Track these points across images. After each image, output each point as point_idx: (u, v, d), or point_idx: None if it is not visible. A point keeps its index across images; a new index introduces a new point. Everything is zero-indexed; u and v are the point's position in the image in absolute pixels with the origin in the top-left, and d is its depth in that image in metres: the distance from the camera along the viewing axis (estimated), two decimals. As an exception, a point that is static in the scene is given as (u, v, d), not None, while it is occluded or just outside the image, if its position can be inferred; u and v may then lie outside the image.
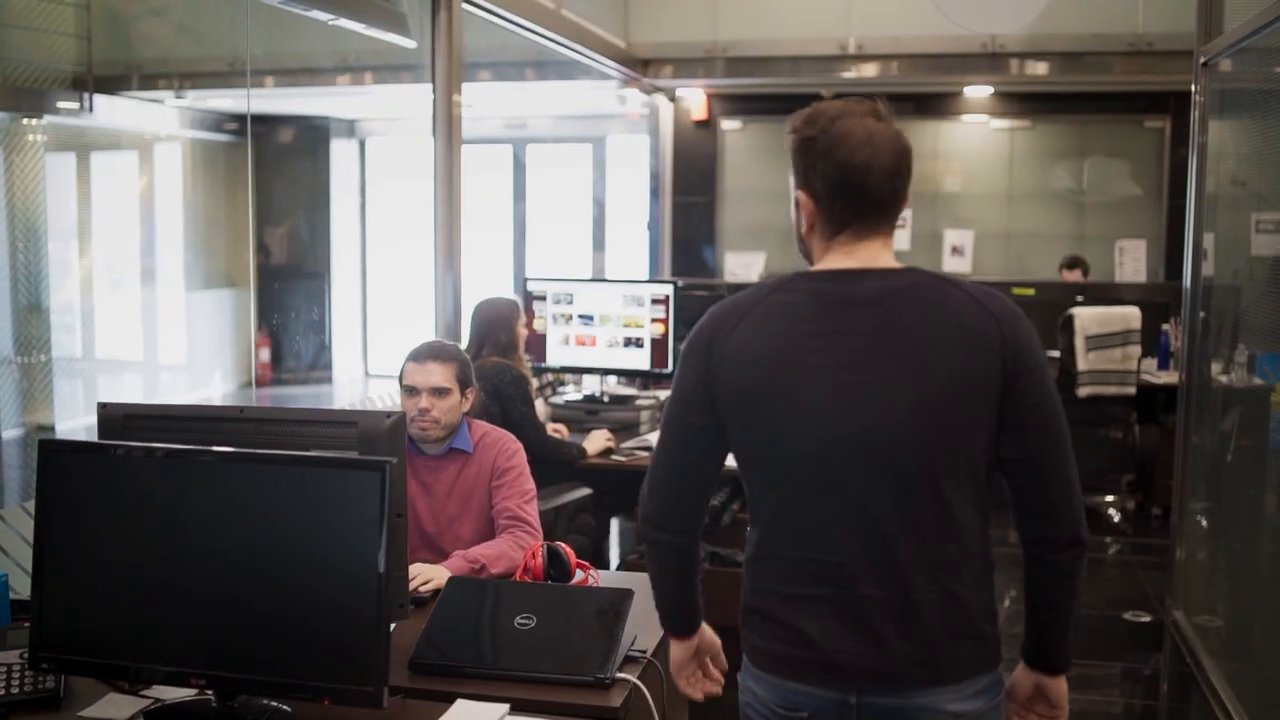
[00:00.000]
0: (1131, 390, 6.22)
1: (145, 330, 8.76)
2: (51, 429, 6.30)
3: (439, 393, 3.04)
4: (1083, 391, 6.14)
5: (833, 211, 1.91)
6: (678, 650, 2.12)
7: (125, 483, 2.03)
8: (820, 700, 1.89)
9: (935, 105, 9.11)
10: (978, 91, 8.92)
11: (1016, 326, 1.89)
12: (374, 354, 9.93)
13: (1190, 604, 4.43)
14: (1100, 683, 4.57)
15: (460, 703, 2.08)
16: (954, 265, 9.23)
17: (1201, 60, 4.21)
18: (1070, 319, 6.14)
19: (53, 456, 2.05)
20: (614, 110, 9.66)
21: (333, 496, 1.94)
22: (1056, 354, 6.37)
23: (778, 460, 1.88)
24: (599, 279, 5.13)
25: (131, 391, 8.61)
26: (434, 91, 5.01)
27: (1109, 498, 6.65)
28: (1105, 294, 6.88)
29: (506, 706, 2.07)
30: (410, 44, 5.05)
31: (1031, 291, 7.09)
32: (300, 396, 9.13)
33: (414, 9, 5.03)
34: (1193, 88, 4.29)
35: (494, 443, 3.13)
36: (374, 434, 2.22)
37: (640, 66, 8.35)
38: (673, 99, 9.34)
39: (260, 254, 9.58)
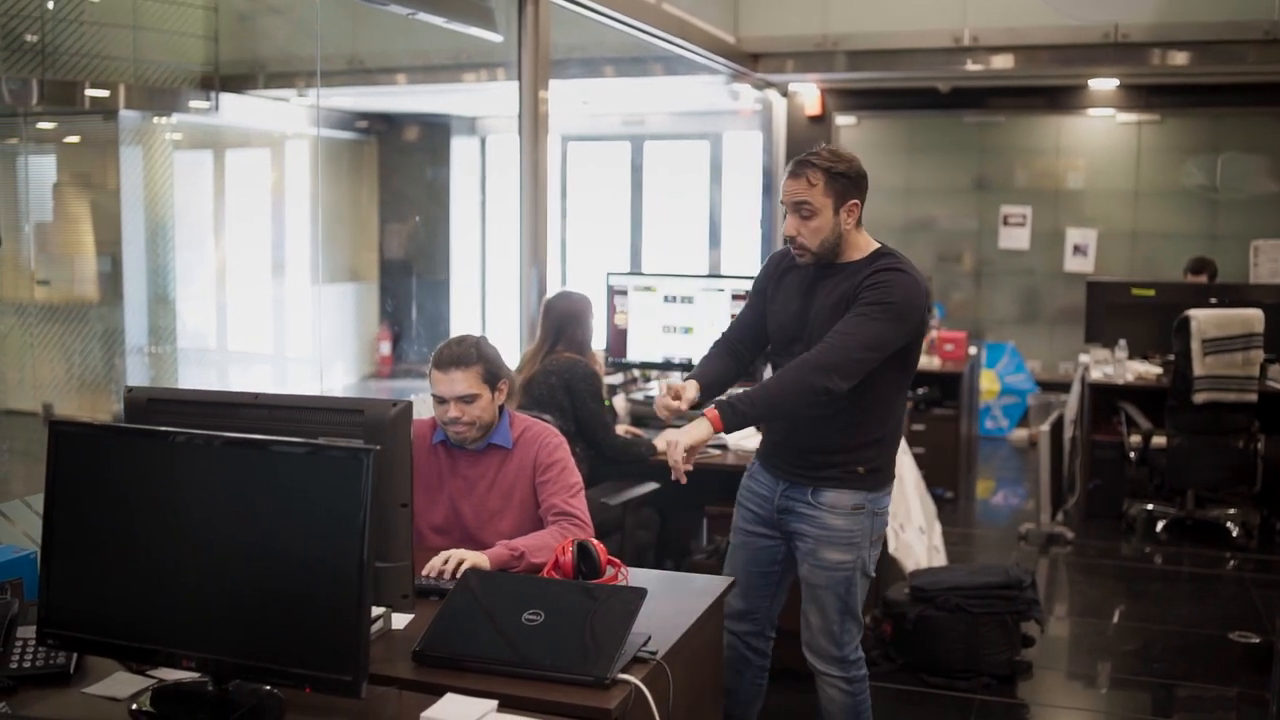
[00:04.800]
0: (1253, 397, 5.87)
1: (274, 322, 9.01)
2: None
3: (467, 399, 2.99)
4: (1199, 398, 5.83)
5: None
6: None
7: (128, 465, 2.06)
8: None
9: (1058, 98, 8.79)
10: (1103, 84, 8.56)
11: None
12: (498, 347, 10.05)
13: (1301, 626, 4.17)
14: (1199, 706, 4.32)
15: (449, 696, 2.06)
16: (1076, 265, 8.90)
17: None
18: (1186, 321, 5.83)
19: (62, 438, 2.10)
20: (729, 106, 9.58)
21: (317, 483, 1.94)
22: (1172, 357, 6.07)
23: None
24: (679, 274, 5.05)
25: (260, 381, 8.86)
26: (520, 87, 5.01)
27: (1230, 511, 6.30)
28: (1236, 296, 6.49)
29: (494, 703, 2.04)
30: (497, 39, 5.06)
31: (1151, 292, 6.75)
32: (417, 389, 9.28)
33: (501, 4, 5.05)
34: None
35: (535, 437, 3.10)
36: (379, 423, 2.22)
37: (750, 61, 8.26)
38: (785, 94, 9.21)
39: (383, 249, 9.80)
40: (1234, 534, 6.20)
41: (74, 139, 7.31)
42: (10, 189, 6.55)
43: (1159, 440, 6.15)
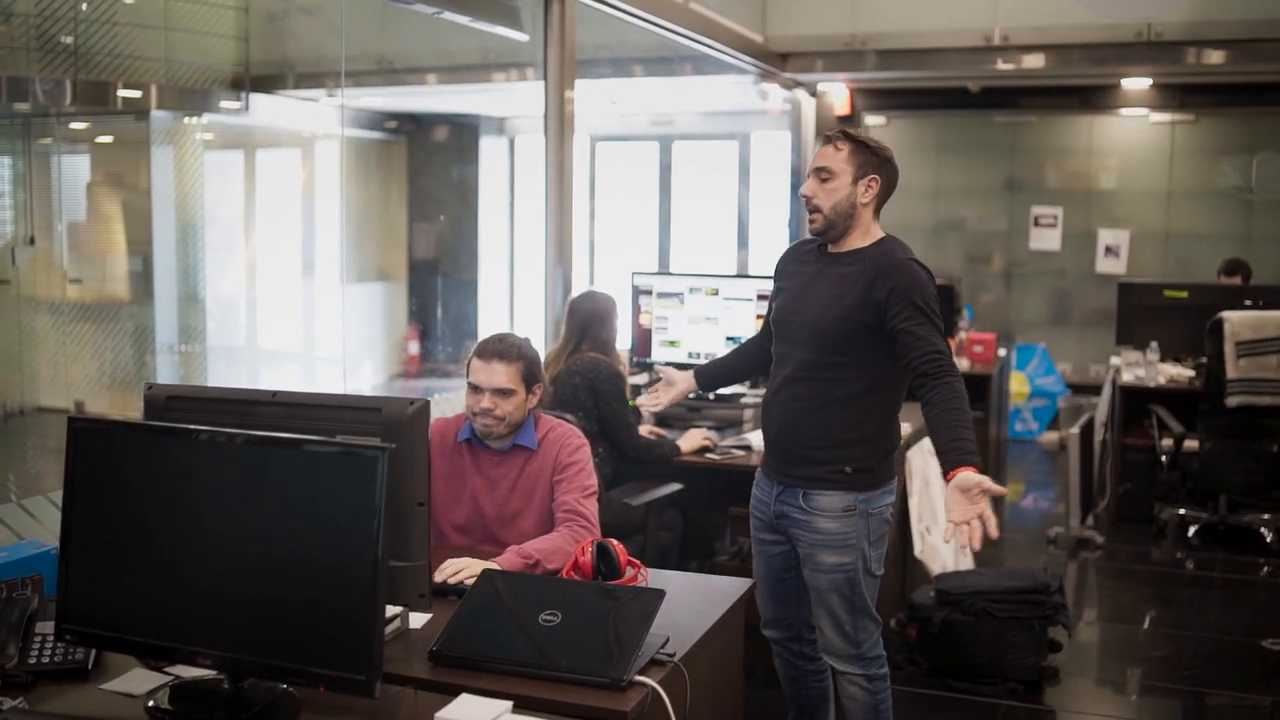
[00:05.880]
0: (1288, 400, 5.79)
1: (304, 322, 9.04)
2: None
3: (503, 393, 3.00)
4: (1232, 401, 5.75)
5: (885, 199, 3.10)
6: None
7: (145, 462, 2.06)
8: None
9: (1090, 98, 8.71)
10: (1135, 83, 8.48)
11: None
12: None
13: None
14: (1230, 715, 4.26)
15: (464, 696, 2.05)
16: (1108, 266, 8.82)
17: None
18: (1220, 323, 5.75)
19: (80, 435, 2.10)
20: (758, 106, 9.54)
21: (333, 482, 1.93)
22: (1205, 360, 5.99)
23: None
24: (701, 274, 5.03)
25: (289, 380, 8.89)
26: (546, 87, 5.00)
27: (1263, 516, 6.20)
28: (1271, 298, 6.39)
29: (509, 704, 2.02)
30: (523, 38, 5.06)
31: (1184, 294, 6.66)
32: (444, 389, 9.29)
33: (527, 3, 5.04)
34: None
35: (558, 438, 3.09)
36: (397, 421, 2.21)
37: (778, 61, 8.22)
38: (814, 94, 9.17)
39: (412, 249, 9.82)
40: (1267, 539, 6.10)
41: (106, 139, 7.37)
42: (44, 188, 6.61)
43: (1191, 444, 6.07)
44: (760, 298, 4.82)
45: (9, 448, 5.93)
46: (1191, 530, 6.27)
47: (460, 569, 2.65)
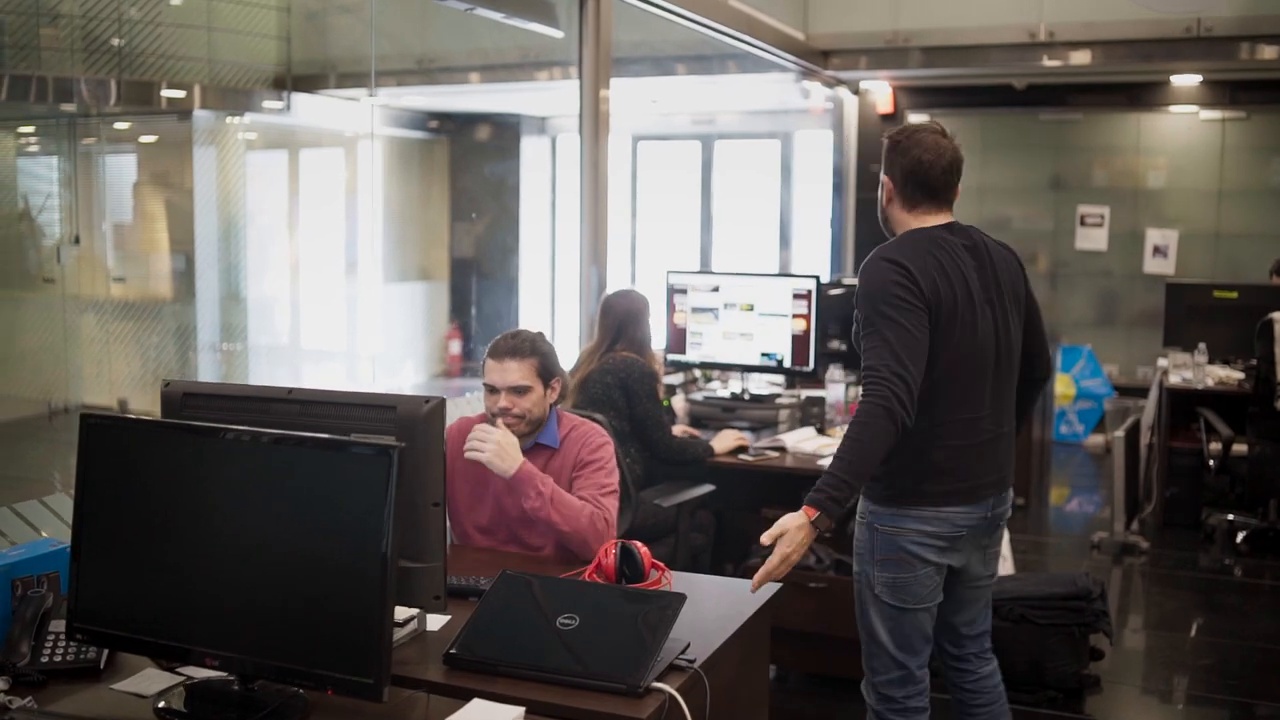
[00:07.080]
0: (1341, 404, 5.63)
1: (346, 321, 9.07)
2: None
3: (518, 390, 2.98)
4: (1283, 404, 5.61)
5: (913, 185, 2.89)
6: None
7: (156, 459, 2.04)
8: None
9: (1138, 95, 8.55)
10: (1185, 80, 8.31)
11: (1022, 260, 2.99)
12: (562, 347, 10.01)
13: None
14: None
15: (476, 702, 2.00)
16: (1156, 266, 8.65)
17: None
18: (1270, 324, 5.61)
19: (92, 431, 2.08)
20: (800, 105, 9.45)
21: (343, 481, 1.89)
22: (1255, 362, 5.85)
23: (963, 355, 2.77)
24: (738, 273, 4.97)
25: (333, 379, 8.93)
26: (581, 85, 4.96)
27: (1316, 522, 6.06)
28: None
29: (521, 710, 1.98)
30: (558, 34, 5.02)
31: (1234, 294, 6.52)
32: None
33: (562, 0, 5.00)
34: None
35: (580, 436, 3.05)
36: (412, 419, 2.17)
37: (820, 58, 8.14)
38: (856, 92, 9.07)
39: (453, 248, 9.83)
40: (1320, 546, 5.96)
41: (150, 139, 7.43)
42: (89, 188, 6.67)
43: (1240, 448, 5.93)
44: (797, 297, 4.76)
45: (54, 444, 5.99)
46: (1240, 536, 6.13)
47: (484, 437, 2.86)
